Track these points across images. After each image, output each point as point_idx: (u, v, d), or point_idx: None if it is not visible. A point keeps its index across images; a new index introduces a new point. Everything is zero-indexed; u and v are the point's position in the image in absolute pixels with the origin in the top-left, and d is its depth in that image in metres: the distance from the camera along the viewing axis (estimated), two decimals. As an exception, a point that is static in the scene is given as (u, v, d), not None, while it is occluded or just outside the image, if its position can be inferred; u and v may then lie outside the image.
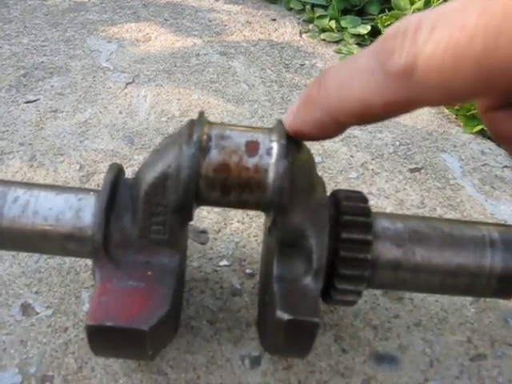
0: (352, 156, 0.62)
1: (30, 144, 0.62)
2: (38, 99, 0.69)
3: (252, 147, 0.33)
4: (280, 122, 0.35)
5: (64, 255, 0.40)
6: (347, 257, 0.35)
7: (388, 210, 0.56)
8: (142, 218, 0.34)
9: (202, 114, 0.35)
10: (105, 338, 0.33)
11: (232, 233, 0.53)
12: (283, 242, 0.35)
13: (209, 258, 0.51)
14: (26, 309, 0.46)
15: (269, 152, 0.33)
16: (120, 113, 0.67)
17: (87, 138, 0.63)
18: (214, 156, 0.32)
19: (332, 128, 0.26)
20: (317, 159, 0.61)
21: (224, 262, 0.51)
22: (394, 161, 0.62)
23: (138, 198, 0.34)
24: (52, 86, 0.71)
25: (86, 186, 0.57)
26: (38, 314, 0.46)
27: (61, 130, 0.64)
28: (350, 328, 0.46)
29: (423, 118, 0.69)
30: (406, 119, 0.68)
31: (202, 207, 0.54)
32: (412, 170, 0.61)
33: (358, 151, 0.63)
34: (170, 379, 0.42)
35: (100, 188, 0.36)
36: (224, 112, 0.67)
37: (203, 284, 0.49)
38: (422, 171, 0.61)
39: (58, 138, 0.63)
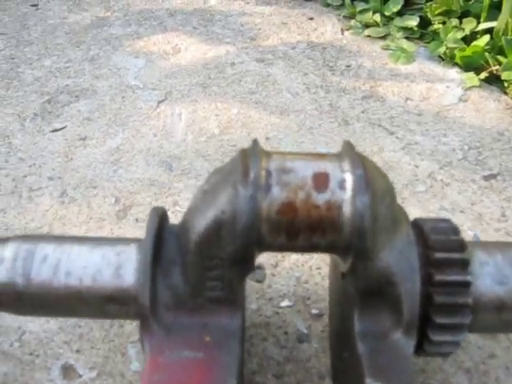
0: (417, 166, 0.55)
1: (60, 177, 0.57)
2: (65, 127, 0.63)
3: (321, 180, 0.27)
4: (349, 145, 0.29)
5: (105, 318, 0.35)
6: (444, 303, 0.29)
7: (465, 227, 0.49)
8: (194, 274, 0.29)
9: (255, 142, 0.29)
10: None
11: (291, 266, 0.47)
12: (365, 292, 0.29)
13: (268, 298, 0.45)
14: (67, 371, 0.41)
15: (342, 185, 0.27)
16: (154, 135, 0.61)
17: (121, 166, 0.57)
18: (277, 195, 0.27)
19: None
20: (377, 173, 0.54)
21: (286, 303, 0.44)
22: (464, 168, 0.55)
23: (188, 251, 0.29)
24: (79, 111, 0.65)
25: (123, 221, 0.51)
26: (80, 376, 0.41)
27: (91, 159, 0.59)
28: (439, 373, 0.40)
29: (491, 115, 0.61)
30: (471, 118, 0.61)
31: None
32: (486, 178, 0.54)
33: (422, 160, 0.56)
34: None
35: (139, 229, 0.31)
36: (268, 126, 0.61)
37: (264, 330, 0.43)
38: (499, 178, 0.54)
39: (89, 169, 0.57)
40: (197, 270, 0.29)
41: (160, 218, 0.31)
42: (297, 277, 0.46)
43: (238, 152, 0.30)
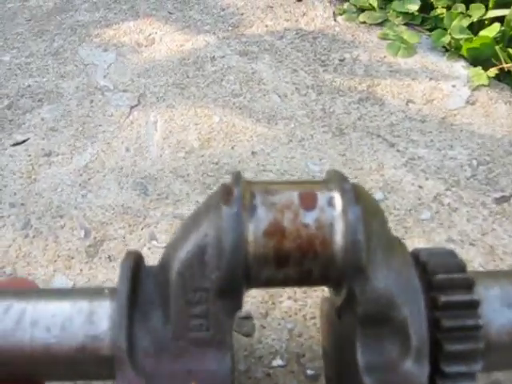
0: (421, 186, 0.49)
1: (23, 204, 0.51)
2: (28, 139, 0.57)
3: (308, 198, 0.26)
4: (334, 172, 0.28)
5: (76, 379, 0.31)
6: (452, 327, 0.26)
7: (476, 263, 0.44)
8: (176, 311, 0.26)
9: (238, 174, 0.27)
10: None
11: (283, 315, 0.42)
12: (365, 318, 0.26)
13: (258, 356, 0.40)
14: None
15: (330, 202, 0.26)
16: (127, 150, 0.55)
17: (90, 190, 0.51)
18: (262, 215, 0.25)
19: None
20: (378, 195, 0.49)
21: (278, 362, 0.40)
22: (473, 189, 0.49)
23: (169, 285, 0.26)
24: (43, 119, 0.58)
25: (95, 260, 0.46)
26: None
27: (58, 180, 0.52)
28: None
29: (502, 121, 0.55)
30: (480, 125, 0.54)
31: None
32: (498, 201, 0.48)
33: (427, 179, 0.50)
34: None
35: (112, 270, 0.32)
36: (254, 137, 0.55)
37: (255, 396, 0.38)
38: (512, 201, 0.48)
39: (56, 193, 0.51)
40: (179, 306, 0.26)
41: (135, 259, 0.28)
42: (289, 329, 0.41)
43: (219, 186, 0.28)
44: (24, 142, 0.57)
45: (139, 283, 0.28)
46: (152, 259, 0.46)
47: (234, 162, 0.52)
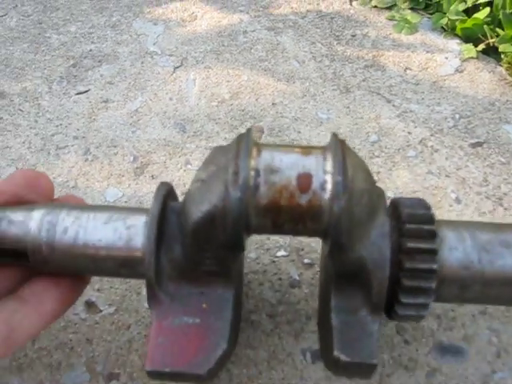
0: (410, 132, 0.60)
1: (84, 137, 0.62)
2: (89, 90, 0.69)
3: (304, 182, 0.31)
4: (335, 138, 0.32)
5: (118, 277, 0.42)
6: (412, 268, 0.32)
7: (449, 190, 0.54)
8: (191, 252, 0.34)
9: (249, 131, 0.32)
10: (164, 378, 0.34)
11: (288, 221, 0.52)
12: (340, 274, 0.34)
13: (266, 248, 0.50)
14: (89, 307, 0.47)
15: (323, 186, 0.30)
16: (170, 99, 0.66)
17: (139, 127, 0.63)
18: (264, 194, 0.31)
19: None
20: (373, 138, 0.59)
21: (281, 253, 0.50)
22: (454, 136, 0.59)
23: (186, 235, 0.33)
24: (101, 75, 0.71)
25: (141, 177, 0.57)
26: (101, 311, 0.46)
27: (113, 120, 0.64)
28: (412, 318, 0.45)
29: (484, 86, 0.65)
30: (465, 88, 0.65)
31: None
32: (474, 145, 0.58)
33: (415, 127, 0.60)
34: (232, 375, 0.42)
35: (153, 184, 0.36)
36: (275, 92, 0.66)
37: (261, 276, 0.48)
38: (485, 146, 0.58)
39: (111, 130, 0.63)
40: (193, 250, 0.33)
41: (164, 196, 0.35)
42: (293, 230, 0.52)
43: (234, 139, 0.33)
44: (86, 92, 0.69)
45: (167, 216, 0.35)
46: (187, 179, 0.57)
47: (257, 110, 0.64)
